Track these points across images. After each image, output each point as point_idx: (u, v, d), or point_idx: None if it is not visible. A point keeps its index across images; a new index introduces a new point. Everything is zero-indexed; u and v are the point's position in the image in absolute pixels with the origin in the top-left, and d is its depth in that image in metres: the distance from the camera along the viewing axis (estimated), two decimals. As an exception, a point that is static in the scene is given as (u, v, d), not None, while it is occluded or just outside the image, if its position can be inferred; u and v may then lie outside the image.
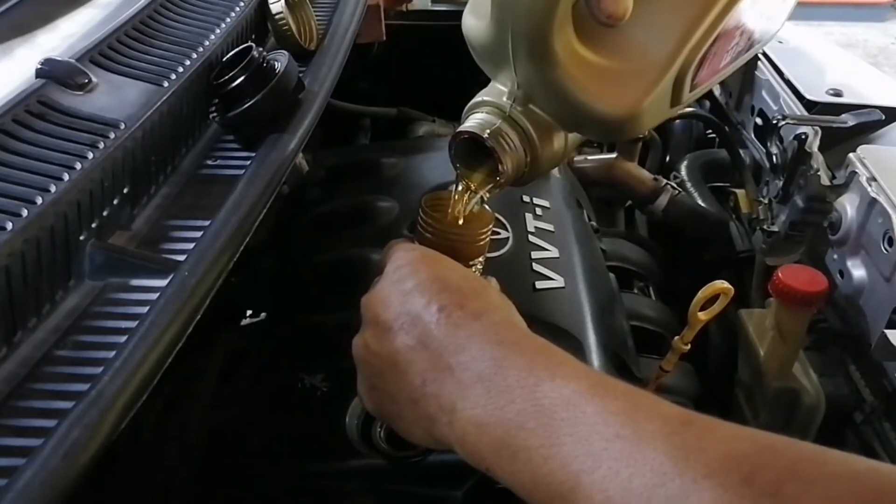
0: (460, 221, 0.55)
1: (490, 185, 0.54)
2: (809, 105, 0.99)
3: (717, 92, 1.26)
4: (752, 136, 1.12)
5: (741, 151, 1.16)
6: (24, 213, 0.43)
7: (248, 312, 0.98)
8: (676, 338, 0.78)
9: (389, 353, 0.46)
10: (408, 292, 0.47)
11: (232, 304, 0.91)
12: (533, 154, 0.53)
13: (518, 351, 0.43)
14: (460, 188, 0.55)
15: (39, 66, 0.53)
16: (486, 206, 0.56)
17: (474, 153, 0.53)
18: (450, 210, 0.55)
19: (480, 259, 0.55)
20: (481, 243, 0.55)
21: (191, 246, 0.51)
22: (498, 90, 0.53)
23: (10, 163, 0.46)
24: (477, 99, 0.54)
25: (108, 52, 0.58)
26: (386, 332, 0.47)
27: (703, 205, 1.16)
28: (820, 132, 0.93)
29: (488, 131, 0.52)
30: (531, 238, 0.80)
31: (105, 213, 0.51)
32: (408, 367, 0.45)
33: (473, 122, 0.53)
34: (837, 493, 0.32)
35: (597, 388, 0.40)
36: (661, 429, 0.37)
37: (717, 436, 0.36)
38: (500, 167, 0.52)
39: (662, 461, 0.35)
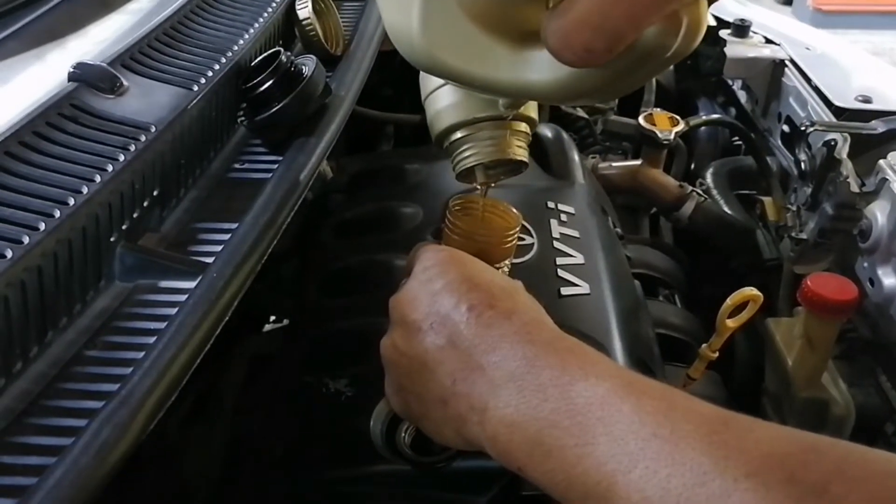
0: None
1: (512, 175, 0.55)
2: (838, 112, 0.98)
3: (742, 99, 1.25)
4: (780, 143, 1.11)
5: (768, 159, 1.14)
6: (57, 214, 0.44)
7: (272, 318, 0.98)
8: (704, 345, 0.78)
9: (418, 354, 0.46)
10: (437, 292, 0.47)
11: (255, 310, 0.92)
12: (534, 128, 0.53)
13: (550, 350, 0.42)
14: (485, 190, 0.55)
15: (72, 70, 0.54)
16: (513, 209, 0.56)
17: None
18: (476, 211, 0.55)
19: (507, 262, 0.55)
20: (508, 245, 0.55)
21: (219, 248, 0.51)
22: (482, 102, 0.50)
23: (44, 165, 0.47)
24: (463, 118, 0.51)
25: (139, 56, 0.59)
26: (415, 333, 0.46)
27: (729, 212, 1.14)
28: (849, 139, 0.92)
29: (510, 151, 0.51)
30: (556, 244, 0.80)
31: (135, 216, 0.52)
32: (437, 366, 0.45)
33: (488, 148, 0.51)
34: (884, 492, 0.32)
35: (632, 387, 0.39)
36: (699, 428, 0.36)
37: (758, 435, 0.36)
38: (522, 166, 0.53)
39: (702, 461, 0.34)
